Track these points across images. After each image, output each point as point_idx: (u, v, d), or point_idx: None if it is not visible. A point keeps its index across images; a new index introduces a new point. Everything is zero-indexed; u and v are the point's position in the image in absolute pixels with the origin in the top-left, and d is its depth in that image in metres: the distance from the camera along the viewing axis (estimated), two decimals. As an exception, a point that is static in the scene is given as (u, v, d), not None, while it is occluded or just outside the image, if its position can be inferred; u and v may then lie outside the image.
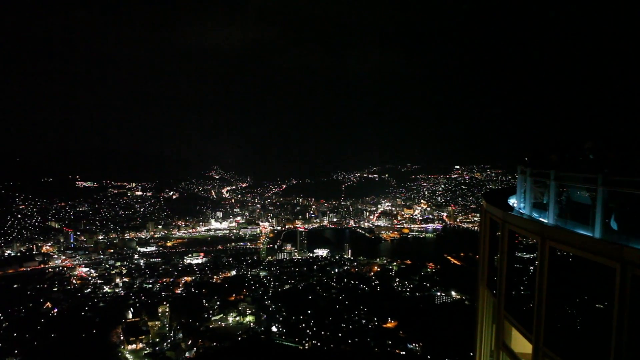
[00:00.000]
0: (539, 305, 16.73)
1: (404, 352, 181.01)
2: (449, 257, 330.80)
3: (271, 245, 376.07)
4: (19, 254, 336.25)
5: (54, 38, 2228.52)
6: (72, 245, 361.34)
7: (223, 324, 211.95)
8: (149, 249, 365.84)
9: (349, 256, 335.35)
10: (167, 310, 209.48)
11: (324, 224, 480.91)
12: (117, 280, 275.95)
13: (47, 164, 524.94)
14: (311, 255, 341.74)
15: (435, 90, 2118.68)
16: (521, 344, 19.32)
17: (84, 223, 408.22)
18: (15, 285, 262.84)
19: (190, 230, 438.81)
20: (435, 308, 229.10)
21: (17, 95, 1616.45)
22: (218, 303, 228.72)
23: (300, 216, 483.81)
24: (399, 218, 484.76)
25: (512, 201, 23.80)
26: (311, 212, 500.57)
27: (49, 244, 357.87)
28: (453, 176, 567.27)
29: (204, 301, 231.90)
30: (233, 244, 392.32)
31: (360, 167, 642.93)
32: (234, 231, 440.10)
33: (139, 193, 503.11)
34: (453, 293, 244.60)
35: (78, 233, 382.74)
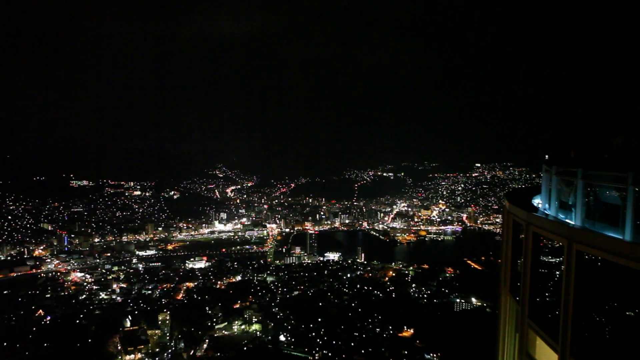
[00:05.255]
0: (566, 313, 16.78)
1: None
2: (469, 262, 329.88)
3: (279, 249, 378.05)
4: (9, 257, 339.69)
5: (46, 30, 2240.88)
6: (66, 249, 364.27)
7: (227, 333, 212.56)
8: (148, 252, 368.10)
9: (362, 260, 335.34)
10: (168, 318, 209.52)
11: (336, 225, 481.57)
12: (114, 286, 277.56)
13: (40, 162, 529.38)
14: (322, 259, 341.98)
15: (454, 84, 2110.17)
16: (546, 354, 19.35)
17: (78, 225, 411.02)
18: (5, 292, 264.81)
19: (192, 233, 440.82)
20: (454, 316, 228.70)
21: (7, 89, 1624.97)
22: (222, 310, 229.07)
23: (310, 217, 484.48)
24: (416, 219, 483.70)
25: (537, 202, 23.82)
26: (322, 213, 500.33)
27: (42, 247, 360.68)
28: (473, 175, 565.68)
29: (207, 308, 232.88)
30: (238, 247, 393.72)
31: (374, 165, 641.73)
32: (239, 233, 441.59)
33: (138, 193, 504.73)
34: (473, 300, 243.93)
35: (72, 235, 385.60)
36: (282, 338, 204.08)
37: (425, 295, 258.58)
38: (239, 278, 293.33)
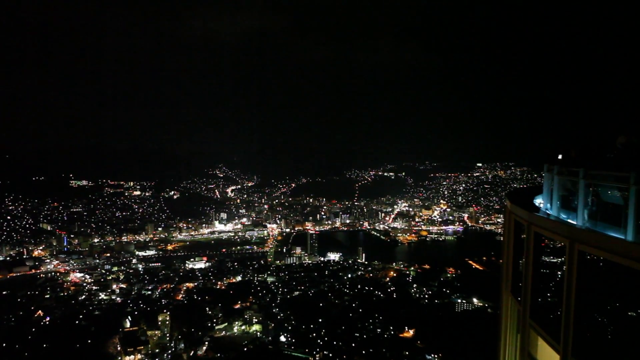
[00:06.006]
0: (567, 314, 16.74)
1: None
2: (470, 262, 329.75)
3: (279, 249, 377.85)
4: (8, 258, 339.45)
5: (45, 29, 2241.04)
6: (65, 249, 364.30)
7: (228, 334, 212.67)
8: (148, 252, 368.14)
9: (363, 260, 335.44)
10: (168, 318, 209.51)
11: (336, 225, 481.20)
12: (114, 286, 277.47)
13: (39, 162, 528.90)
14: (322, 259, 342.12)
15: (455, 84, 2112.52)
16: (547, 355, 19.33)
17: (78, 225, 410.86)
18: (4, 292, 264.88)
19: (192, 233, 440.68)
20: (455, 316, 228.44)
21: (6, 88, 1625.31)
22: (222, 311, 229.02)
23: (310, 217, 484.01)
24: (417, 219, 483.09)
25: (539, 201, 23.78)
26: (322, 213, 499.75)
27: (41, 248, 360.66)
28: (475, 175, 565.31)
29: (207, 309, 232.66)
30: (238, 247, 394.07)
31: (375, 165, 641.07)
32: (240, 234, 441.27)
33: (138, 193, 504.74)
34: (475, 300, 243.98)
35: (72, 236, 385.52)
36: (282, 339, 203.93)
37: (426, 296, 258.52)
38: (239, 278, 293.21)
